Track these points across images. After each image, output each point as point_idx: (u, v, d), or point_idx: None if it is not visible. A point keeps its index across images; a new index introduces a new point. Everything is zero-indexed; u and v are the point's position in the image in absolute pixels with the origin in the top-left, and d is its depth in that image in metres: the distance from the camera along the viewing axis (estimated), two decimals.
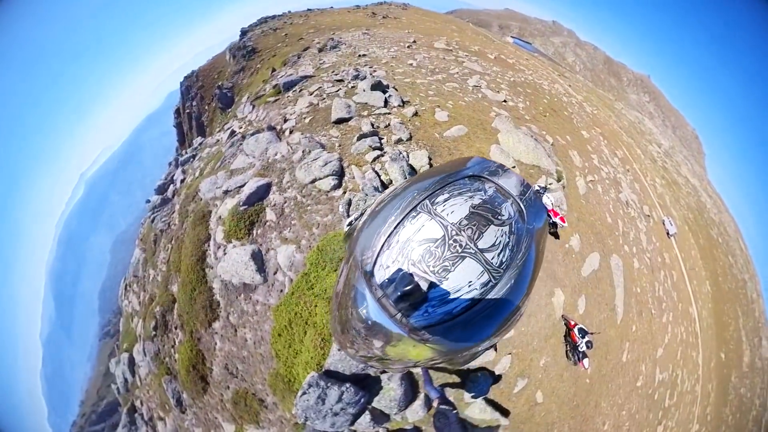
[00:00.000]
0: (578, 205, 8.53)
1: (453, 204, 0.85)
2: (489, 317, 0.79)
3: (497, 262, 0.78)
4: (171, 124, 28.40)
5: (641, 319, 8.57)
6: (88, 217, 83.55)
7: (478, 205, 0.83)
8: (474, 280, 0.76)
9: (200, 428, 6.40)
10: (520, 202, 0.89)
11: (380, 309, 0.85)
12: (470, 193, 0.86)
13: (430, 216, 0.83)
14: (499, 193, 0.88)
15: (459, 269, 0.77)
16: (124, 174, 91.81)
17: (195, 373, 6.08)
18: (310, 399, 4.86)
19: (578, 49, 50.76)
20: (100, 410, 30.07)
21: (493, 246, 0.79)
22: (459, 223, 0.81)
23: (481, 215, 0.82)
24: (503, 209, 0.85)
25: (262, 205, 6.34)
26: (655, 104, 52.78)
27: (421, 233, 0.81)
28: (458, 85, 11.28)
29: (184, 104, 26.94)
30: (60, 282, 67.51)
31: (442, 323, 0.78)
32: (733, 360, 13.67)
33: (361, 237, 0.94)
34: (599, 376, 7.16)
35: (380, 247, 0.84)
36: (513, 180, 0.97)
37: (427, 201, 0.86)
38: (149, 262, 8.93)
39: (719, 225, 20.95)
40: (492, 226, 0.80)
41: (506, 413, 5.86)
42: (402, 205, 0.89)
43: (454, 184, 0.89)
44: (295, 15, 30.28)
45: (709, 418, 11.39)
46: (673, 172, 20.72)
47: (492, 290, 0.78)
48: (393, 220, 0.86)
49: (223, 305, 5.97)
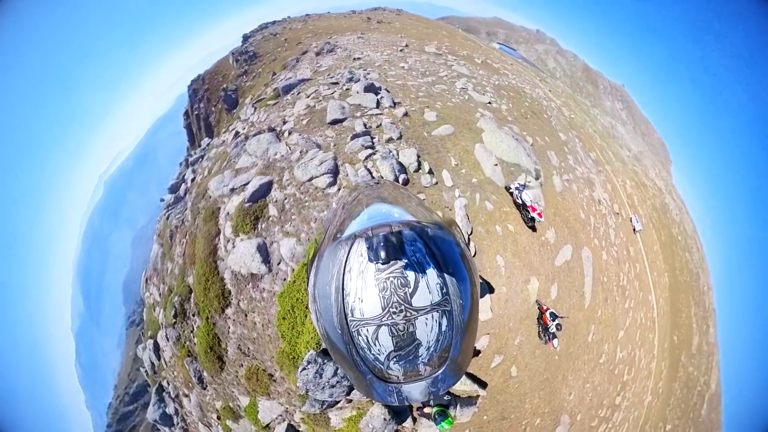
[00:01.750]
0: (554, 201, 8.65)
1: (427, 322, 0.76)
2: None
3: (436, 295, 0.72)
4: (181, 125, 27.95)
5: (606, 304, 8.92)
6: (109, 216, 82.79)
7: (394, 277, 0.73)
8: (427, 304, 0.73)
9: (220, 401, 6.73)
10: (425, 233, 0.75)
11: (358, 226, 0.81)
12: (386, 270, 0.73)
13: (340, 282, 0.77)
14: (397, 236, 0.74)
15: (420, 321, 0.73)
16: (140, 174, 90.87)
17: (212, 354, 6.40)
18: (309, 374, 5.17)
19: (559, 57, 51.43)
20: (132, 391, 31.38)
21: (426, 287, 0.72)
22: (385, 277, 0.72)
23: (401, 278, 0.72)
24: (411, 244, 0.74)
25: (264, 202, 6.45)
26: (628, 112, 54.26)
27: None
28: (447, 87, 11.11)
29: (192, 106, 26.48)
30: (87, 278, 66.83)
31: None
32: (684, 343, 14.63)
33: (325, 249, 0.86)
34: (567, 353, 7.54)
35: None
36: (408, 231, 0.76)
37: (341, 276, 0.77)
38: (167, 256, 9.01)
39: (679, 224, 22.01)
40: (413, 272, 0.72)
41: (484, 385, 6.28)
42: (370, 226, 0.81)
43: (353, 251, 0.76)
44: (294, 20, 29.56)
45: (660, 391, 12.22)
46: (641, 175, 21.51)
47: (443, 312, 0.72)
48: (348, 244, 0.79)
49: (234, 293, 6.19)
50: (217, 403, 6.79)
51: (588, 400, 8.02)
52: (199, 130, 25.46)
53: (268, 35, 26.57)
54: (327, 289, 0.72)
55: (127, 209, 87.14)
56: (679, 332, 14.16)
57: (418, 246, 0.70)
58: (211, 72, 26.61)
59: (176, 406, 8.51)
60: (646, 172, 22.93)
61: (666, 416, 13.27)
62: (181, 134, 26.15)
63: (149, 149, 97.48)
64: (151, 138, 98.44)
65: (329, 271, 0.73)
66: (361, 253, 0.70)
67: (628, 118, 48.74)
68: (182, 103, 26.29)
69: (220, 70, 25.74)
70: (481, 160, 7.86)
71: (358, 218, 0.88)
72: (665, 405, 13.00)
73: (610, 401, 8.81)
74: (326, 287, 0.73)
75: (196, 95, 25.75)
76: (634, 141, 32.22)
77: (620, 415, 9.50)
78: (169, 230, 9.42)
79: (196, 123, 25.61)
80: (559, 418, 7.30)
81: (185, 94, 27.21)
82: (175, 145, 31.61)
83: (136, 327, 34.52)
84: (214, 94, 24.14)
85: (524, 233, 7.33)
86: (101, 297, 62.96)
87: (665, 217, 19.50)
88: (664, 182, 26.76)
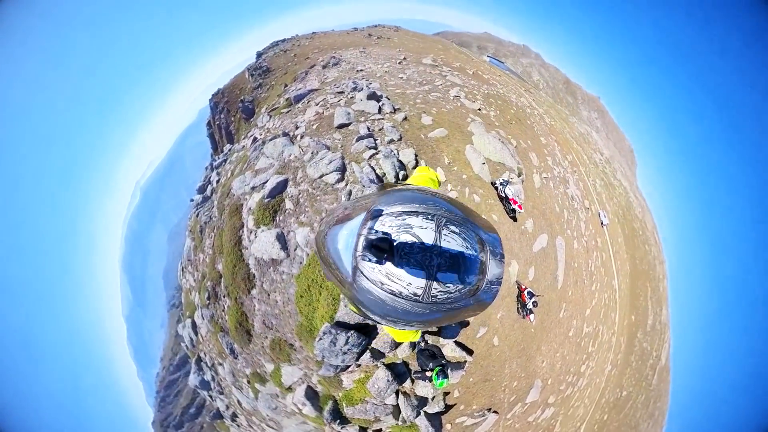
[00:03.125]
0: (533, 196, 8.75)
1: (453, 241, 0.81)
2: (404, 316, 0.81)
3: (432, 294, 0.76)
4: (204, 134, 28.40)
5: (576, 286, 9.09)
6: (146, 217, 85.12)
7: (465, 257, 0.79)
8: (412, 284, 0.76)
9: (249, 368, 7.06)
10: (484, 285, 0.83)
11: (352, 241, 0.84)
12: (470, 246, 0.81)
13: (436, 229, 0.80)
14: (481, 266, 0.81)
15: (412, 271, 0.76)
16: (171, 179, 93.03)
17: (241, 328, 6.72)
18: (324, 343, 5.47)
19: (543, 70, 51.63)
20: (175, 363, 33.32)
21: (443, 286, 0.77)
22: (444, 252, 0.77)
23: (459, 264, 0.78)
24: (472, 277, 0.80)
25: (281, 197, 6.62)
26: (602, 121, 54.85)
27: (420, 231, 0.78)
28: (441, 95, 10.99)
29: (213, 117, 26.92)
30: (132, 271, 69.42)
31: (375, 283, 0.79)
32: (640, 321, 15.32)
33: (389, 195, 0.91)
34: (541, 327, 7.79)
35: (391, 213, 0.83)
36: (497, 271, 0.88)
37: (444, 219, 0.82)
38: (198, 248, 9.26)
39: (641, 221, 22.73)
40: (455, 276, 0.77)
41: (470, 352, 6.53)
42: (429, 204, 0.85)
43: (469, 231, 0.84)
44: (302, 38, 29.30)
45: (618, 362, 12.87)
46: (610, 176, 22.05)
47: (416, 303, 0.77)
48: (416, 206, 0.84)
49: (258, 276, 6.46)
50: (247, 370, 7.13)
51: (558, 368, 8.36)
52: (221, 137, 25.82)
53: (279, 51, 26.55)
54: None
55: (162, 211, 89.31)
56: (636, 313, 14.74)
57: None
58: (230, 86, 26.77)
59: (212, 374, 8.95)
60: (614, 174, 23.53)
61: (622, 383, 13.85)
62: (205, 142, 26.52)
63: (178, 157, 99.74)
64: (179, 147, 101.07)
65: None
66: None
67: (602, 126, 49.33)
68: (205, 115, 26.78)
69: (238, 84, 25.82)
70: (470, 159, 7.93)
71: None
72: (622, 374, 13.54)
73: (576, 369, 9.18)
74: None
75: (217, 107, 26.09)
76: (606, 146, 32.86)
77: (584, 381, 9.94)
78: (199, 226, 9.65)
79: (218, 132, 25.90)
80: (533, 382, 7.64)
81: (207, 107, 27.73)
82: (200, 152, 31.86)
83: (176, 309, 35.97)
84: (233, 106, 24.33)
85: (506, 223, 7.52)
86: (145, 286, 66.32)
87: (629, 214, 20.16)
88: (629, 183, 27.48)
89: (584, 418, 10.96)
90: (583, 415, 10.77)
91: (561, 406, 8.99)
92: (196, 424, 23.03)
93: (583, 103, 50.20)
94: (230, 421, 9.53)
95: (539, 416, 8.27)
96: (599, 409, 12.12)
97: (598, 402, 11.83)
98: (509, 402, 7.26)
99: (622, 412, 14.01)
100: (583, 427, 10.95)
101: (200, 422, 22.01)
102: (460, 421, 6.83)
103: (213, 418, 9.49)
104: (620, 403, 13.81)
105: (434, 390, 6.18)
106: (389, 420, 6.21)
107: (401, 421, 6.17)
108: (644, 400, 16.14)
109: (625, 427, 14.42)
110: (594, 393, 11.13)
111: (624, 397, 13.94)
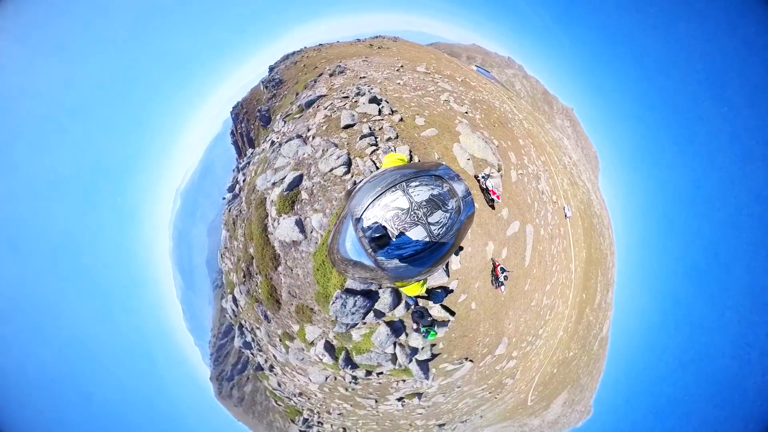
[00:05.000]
0: (510, 188, 8.87)
1: (420, 190, 0.87)
2: (423, 262, 0.89)
3: (436, 233, 0.84)
4: (229, 142, 28.85)
5: (539, 266, 9.40)
6: (188, 217, 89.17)
7: (435, 195, 0.86)
8: (420, 240, 0.83)
9: (280, 329, 7.66)
10: (461, 202, 0.91)
11: (359, 244, 0.89)
12: (432, 186, 0.88)
13: (404, 193, 0.86)
14: (450, 192, 0.90)
15: (412, 231, 0.83)
16: (204, 182, 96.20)
17: (272, 298, 7.25)
18: (337, 305, 5.96)
19: (524, 81, 51.22)
20: (222, 331, 36.10)
21: (437, 223, 0.84)
22: (420, 203, 0.84)
23: (435, 202, 0.86)
24: (449, 203, 0.88)
25: (298, 189, 6.84)
26: (573, 130, 55.17)
27: (395, 203, 0.85)
28: (433, 99, 10.73)
29: (236, 127, 27.14)
30: (180, 262, 75.10)
31: (395, 260, 0.84)
32: (589, 299, 16.26)
33: (357, 196, 0.96)
34: (510, 297, 8.25)
35: (367, 205, 0.88)
36: (461, 186, 0.96)
37: (404, 183, 0.88)
38: (233, 237, 9.64)
39: (599, 216, 23.69)
40: (439, 211, 0.85)
41: (453, 313, 7.09)
42: (387, 181, 0.91)
43: (424, 177, 0.90)
44: (310, 50, 28.41)
45: (569, 329, 13.82)
46: (575, 176, 22.65)
47: (429, 248, 0.85)
48: (379, 189, 0.89)
49: (282, 256, 6.86)
50: (278, 331, 7.73)
51: (521, 330, 8.93)
52: (243, 143, 26.02)
53: (290, 63, 25.85)
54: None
55: (200, 209, 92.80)
56: (587, 292, 15.34)
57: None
58: (247, 98, 26.41)
59: (252, 336, 9.66)
60: (579, 175, 24.22)
61: (570, 346, 14.83)
62: (230, 149, 27.24)
63: (209, 164, 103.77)
64: (208, 155, 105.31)
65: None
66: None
67: (572, 134, 49.68)
68: (228, 126, 27.14)
69: (254, 96, 25.45)
70: (457, 155, 7.96)
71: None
72: (571, 339, 14.41)
73: (535, 332, 9.79)
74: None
75: (238, 118, 26.16)
76: (575, 151, 33.52)
77: (541, 342, 10.65)
78: (231, 219, 9.99)
79: (241, 139, 26.14)
80: (501, 339, 8.26)
81: (229, 118, 28.01)
82: (227, 158, 31.91)
83: (219, 288, 37.95)
84: (252, 115, 24.17)
85: (486, 210, 7.71)
86: (193, 273, 71.72)
87: (589, 210, 21.00)
88: (591, 184, 28.34)
89: (539, 370, 12.01)
90: (537, 368, 11.81)
91: (522, 360, 9.81)
92: (243, 376, 25.20)
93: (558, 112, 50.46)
94: (269, 372, 10.33)
95: (504, 366, 9.09)
96: (551, 364, 13.19)
97: (550, 359, 12.84)
98: (482, 354, 7.97)
99: (568, 368, 15.32)
100: (537, 377, 12.07)
101: (246, 374, 24.01)
102: (443, 366, 7.58)
103: (255, 370, 10.37)
104: (567, 361, 15.05)
105: (424, 342, 6.83)
106: (389, 365, 6.98)
107: (398, 366, 6.90)
108: (586, 360, 17.63)
109: (569, 380, 15.86)
110: (548, 351, 12.01)
111: (570, 356, 15.16)
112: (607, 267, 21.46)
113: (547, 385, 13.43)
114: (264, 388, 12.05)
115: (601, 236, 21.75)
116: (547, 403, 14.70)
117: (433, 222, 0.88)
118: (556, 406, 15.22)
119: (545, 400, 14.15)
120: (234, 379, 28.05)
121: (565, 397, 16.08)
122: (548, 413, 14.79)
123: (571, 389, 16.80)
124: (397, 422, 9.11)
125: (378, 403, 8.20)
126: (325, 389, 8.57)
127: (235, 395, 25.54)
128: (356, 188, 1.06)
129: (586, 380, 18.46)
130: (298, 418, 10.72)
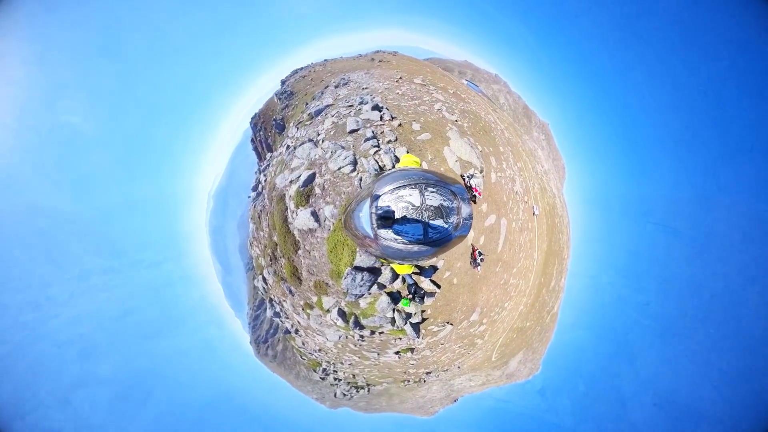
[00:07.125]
0: (490, 187, 9.03)
1: (434, 196, 0.90)
2: (409, 253, 0.93)
3: (431, 236, 0.88)
4: (250, 148, 28.72)
5: (509, 252, 9.73)
6: (220, 216, 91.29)
7: (444, 206, 0.88)
8: (416, 234, 0.87)
9: (302, 301, 8.14)
10: (461, 221, 0.94)
11: (368, 217, 0.93)
12: (445, 198, 0.91)
13: (420, 193, 0.88)
14: (456, 210, 0.93)
15: (413, 225, 0.86)
16: (231, 184, 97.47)
17: (294, 277, 7.65)
18: (347, 280, 6.38)
19: (508, 96, 51.16)
20: (256, 304, 37.45)
21: (435, 228, 0.86)
22: (430, 206, 0.87)
23: (441, 211, 0.88)
24: (452, 217, 0.91)
25: (312, 186, 6.99)
26: (547, 142, 56.00)
27: (410, 198, 0.87)
28: (427, 108, 10.56)
29: (255, 135, 26.99)
30: (218, 253, 78.78)
31: (390, 240, 0.86)
32: (546, 283, 17.01)
33: (382, 180, 1.01)
34: (484, 276, 8.66)
35: (387, 191, 0.91)
36: (468, 209, 0.99)
37: (423, 185, 0.90)
38: (259, 228, 9.84)
39: (561, 217, 24.64)
40: (441, 220, 0.88)
41: (439, 287, 7.55)
42: (411, 179, 0.93)
43: (442, 188, 0.92)
44: (316, 65, 27.85)
45: (528, 305, 14.61)
46: (545, 182, 23.27)
47: (419, 244, 0.90)
48: (402, 182, 0.91)
49: (301, 242, 7.15)
50: (301, 302, 8.22)
51: (491, 302, 9.45)
52: (262, 149, 26.07)
53: (299, 77, 25.34)
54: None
55: (230, 209, 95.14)
56: (545, 277, 15.91)
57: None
58: (264, 110, 26.03)
59: (280, 307, 10.22)
60: (548, 182, 25.02)
61: (528, 317, 15.81)
62: (252, 154, 27.25)
63: (234, 168, 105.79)
64: (233, 161, 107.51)
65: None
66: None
67: (546, 146, 50.57)
68: (248, 134, 27.16)
69: (269, 107, 25.19)
70: (447, 157, 8.01)
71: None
72: (529, 312, 15.25)
73: (501, 305, 10.36)
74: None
75: (257, 127, 25.93)
76: (547, 162, 34.35)
77: (505, 313, 11.26)
78: (257, 213, 10.17)
79: (260, 145, 26.19)
80: (475, 308, 8.80)
81: (249, 128, 27.93)
82: (250, 162, 31.05)
83: (251, 271, 38.96)
84: (268, 124, 24.06)
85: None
86: (229, 260, 75.33)
87: (553, 211, 21.90)
88: (557, 190, 29.33)
89: (502, 335, 12.98)
90: (501, 333, 12.66)
91: (490, 325, 10.46)
92: (275, 339, 27.07)
93: (536, 126, 50.94)
94: (295, 334, 11.09)
95: (477, 329, 9.72)
96: (512, 331, 14.17)
97: (511, 327, 13.70)
98: (460, 319, 8.49)
99: (524, 335, 16.44)
100: (501, 339, 13.17)
101: (277, 337, 25.82)
102: (431, 328, 8.17)
103: (285, 333, 11.34)
104: (524, 329, 16.05)
105: (415, 308, 7.45)
106: (388, 326, 7.58)
107: (396, 327, 7.51)
108: (539, 330, 19.10)
109: (525, 344, 17.22)
110: (510, 321, 12.79)
111: (527, 326, 16.22)
112: (563, 258, 22.86)
113: (507, 346, 14.66)
114: (292, 347, 13.52)
115: (560, 233, 22.97)
116: (507, 360, 16.14)
117: (433, 226, 0.93)
118: (513, 362, 16.77)
119: (505, 357, 15.50)
120: (268, 342, 30.17)
121: (521, 356, 17.70)
122: (507, 368, 16.32)
123: (526, 351, 18.48)
124: (394, 370, 9.88)
125: (380, 356, 8.88)
126: (338, 346, 9.25)
127: (270, 354, 27.64)
128: (383, 174, 1.13)
129: (538, 345, 20.32)
130: (318, 368, 11.72)
